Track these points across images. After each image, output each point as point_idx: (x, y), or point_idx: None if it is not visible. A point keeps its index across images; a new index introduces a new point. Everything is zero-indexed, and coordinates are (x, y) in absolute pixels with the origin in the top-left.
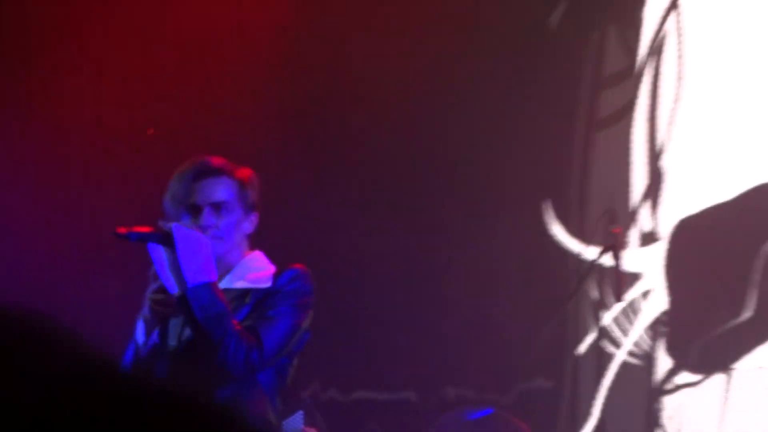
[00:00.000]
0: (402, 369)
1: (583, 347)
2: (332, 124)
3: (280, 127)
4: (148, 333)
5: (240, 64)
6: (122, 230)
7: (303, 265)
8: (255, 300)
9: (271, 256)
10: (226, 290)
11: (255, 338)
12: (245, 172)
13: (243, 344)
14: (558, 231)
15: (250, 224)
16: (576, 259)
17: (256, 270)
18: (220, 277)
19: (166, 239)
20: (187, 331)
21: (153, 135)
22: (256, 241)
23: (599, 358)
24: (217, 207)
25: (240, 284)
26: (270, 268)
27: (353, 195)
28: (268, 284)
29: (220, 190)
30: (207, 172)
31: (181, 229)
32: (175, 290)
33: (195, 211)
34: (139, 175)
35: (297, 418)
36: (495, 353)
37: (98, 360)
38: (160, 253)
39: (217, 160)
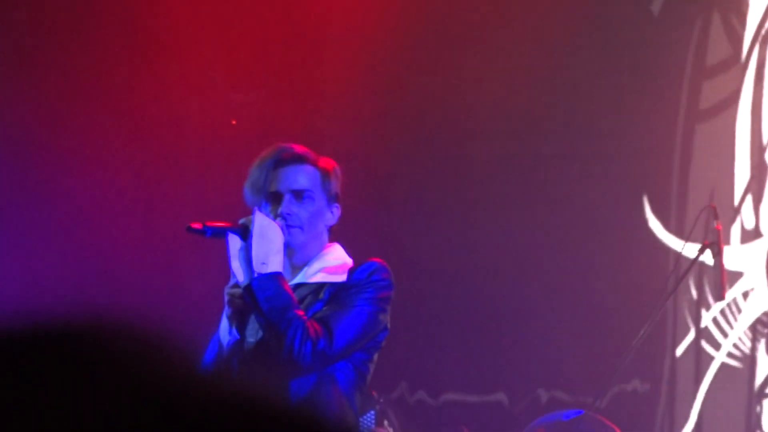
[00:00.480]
0: (493, 371)
1: (681, 348)
2: (441, 123)
3: (378, 124)
4: (230, 331)
5: (342, 60)
6: (197, 225)
7: (381, 260)
8: (329, 294)
9: (360, 253)
10: (302, 285)
11: (324, 328)
12: (329, 162)
13: (310, 334)
14: (656, 227)
15: (332, 216)
16: (675, 256)
17: (333, 263)
18: (297, 269)
19: (244, 233)
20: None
21: (236, 125)
22: (341, 236)
23: (698, 359)
24: (299, 195)
25: (316, 278)
26: (347, 262)
27: (458, 191)
28: (343, 278)
29: (303, 177)
30: (289, 159)
31: (260, 215)
32: (244, 281)
33: (275, 198)
34: (223, 168)
35: (369, 418)
36: (589, 354)
37: (180, 361)
38: (235, 244)
39: (299, 148)
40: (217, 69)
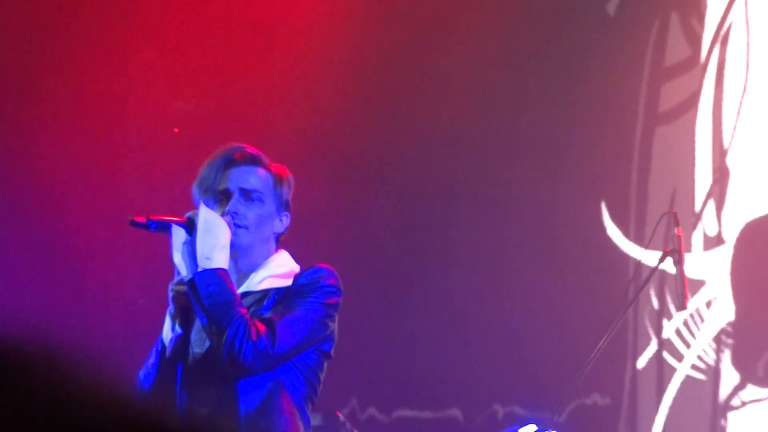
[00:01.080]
0: (447, 385)
1: (642, 360)
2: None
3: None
4: (173, 328)
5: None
6: (141, 219)
7: (329, 265)
8: (274, 300)
9: (310, 260)
10: (248, 294)
11: (268, 328)
12: (282, 169)
13: (251, 333)
14: (615, 234)
15: (281, 224)
16: (635, 264)
17: (279, 271)
18: (243, 276)
19: (189, 226)
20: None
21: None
22: (289, 244)
23: (660, 372)
24: (248, 195)
25: (262, 286)
26: (294, 268)
27: (400, 201)
28: (289, 282)
29: (254, 178)
30: (241, 159)
31: (206, 210)
32: (186, 275)
33: (224, 196)
34: (164, 175)
35: None
36: (547, 367)
37: (112, 385)
38: (179, 238)
39: (253, 149)
40: (159, 75)
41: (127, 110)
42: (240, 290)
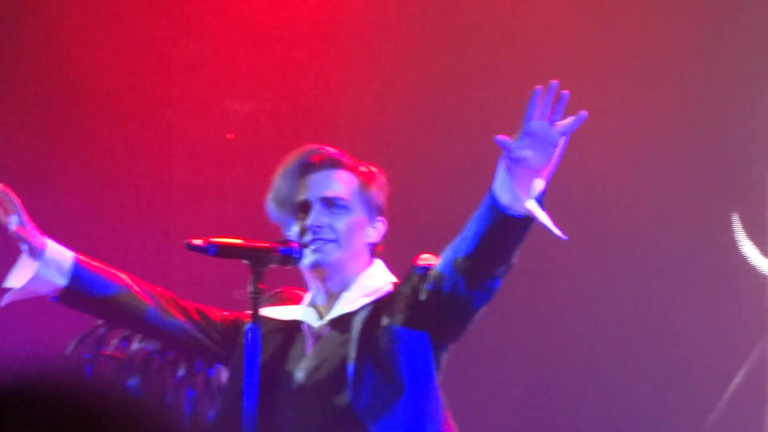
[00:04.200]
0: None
1: None
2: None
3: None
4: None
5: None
6: (197, 242)
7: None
8: (367, 316)
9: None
10: (341, 317)
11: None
12: (370, 168)
13: None
14: (751, 252)
15: (374, 231)
16: None
17: (374, 285)
18: (333, 297)
19: (285, 259)
20: (316, 362)
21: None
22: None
23: None
24: (331, 203)
25: (357, 305)
26: (390, 279)
27: None
28: (388, 290)
29: (336, 183)
30: (319, 163)
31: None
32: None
33: (303, 209)
34: (216, 189)
35: None
36: (673, 409)
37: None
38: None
39: (332, 150)
40: (207, 71)
41: (170, 113)
42: (332, 315)
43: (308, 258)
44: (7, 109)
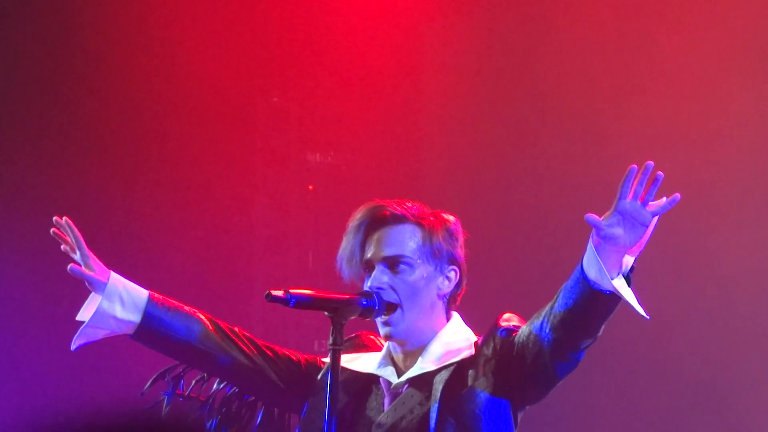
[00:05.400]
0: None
1: None
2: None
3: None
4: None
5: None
6: (277, 293)
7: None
8: (449, 378)
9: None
10: (420, 376)
11: None
12: (438, 216)
13: None
14: None
15: (447, 282)
16: None
17: (455, 345)
18: (411, 358)
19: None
20: (393, 419)
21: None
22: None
23: None
24: (393, 263)
25: (439, 364)
26: (470, 337)
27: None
28: (471, 353)
29: (397, 241)
30: (381, 220)
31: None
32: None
33: (367, 269)
34: (299, 240)
35: None
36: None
37: None
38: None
39: (396, 204)
40: (290, 122)
41: (254, 164)
42: (409, 374)
43: (381, 330)
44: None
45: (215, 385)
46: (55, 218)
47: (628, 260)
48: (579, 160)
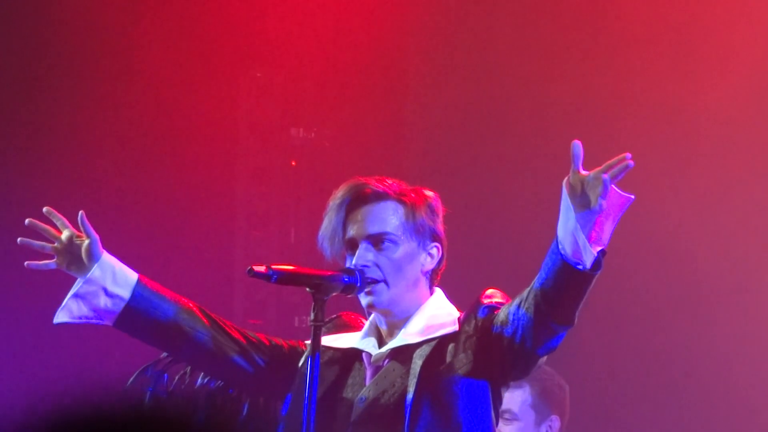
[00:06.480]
0: None
1: None
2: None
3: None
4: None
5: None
6: (259, 268)
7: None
8: (430, 353)
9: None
10: (398, 349)
11: None
12: (419, 193)
13: None
14: None
15: (430, 259)
16: None
17: (438, 320)
18: (394, 328)
19: (348, 287)
20: (375, 393)
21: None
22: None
23: None
24: (376, 240)
25: (422, 337)
26: (452, 312)
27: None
28: (454, 328)
29: (380, 218)
30: (363, 198)
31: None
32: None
33: (350, 247)
34: (281, 216)
35: None
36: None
37: None
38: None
39: (377, 181)
40: (273, 97)
41: (235, 139)
42: (389, 345)
43: (363, 300)
44: (69, 126)
45: (199, 380)
46: (45, 208)
47: (605, 239)
48: (561, 136)
